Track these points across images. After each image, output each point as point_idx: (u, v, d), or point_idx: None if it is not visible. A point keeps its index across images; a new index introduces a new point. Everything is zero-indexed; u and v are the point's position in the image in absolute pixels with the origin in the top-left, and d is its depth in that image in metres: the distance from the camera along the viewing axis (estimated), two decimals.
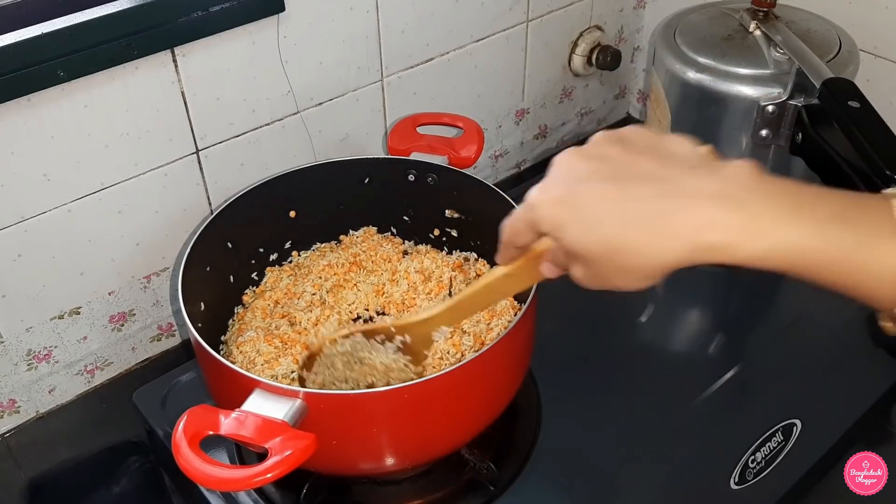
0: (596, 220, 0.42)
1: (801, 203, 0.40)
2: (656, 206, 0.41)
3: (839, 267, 0.40)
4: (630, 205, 0.41)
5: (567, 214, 0.43)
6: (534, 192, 0.45)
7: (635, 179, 0.42)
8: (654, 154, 0.43)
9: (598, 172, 0.43)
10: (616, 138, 0.45)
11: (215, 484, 0.53)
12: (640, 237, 0.41)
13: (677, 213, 0.40)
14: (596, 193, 0.42)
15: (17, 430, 0.85)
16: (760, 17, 0.92)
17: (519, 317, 0.65)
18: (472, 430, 0.69)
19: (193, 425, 0.54)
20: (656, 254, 0.41)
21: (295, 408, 0.57)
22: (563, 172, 0.44)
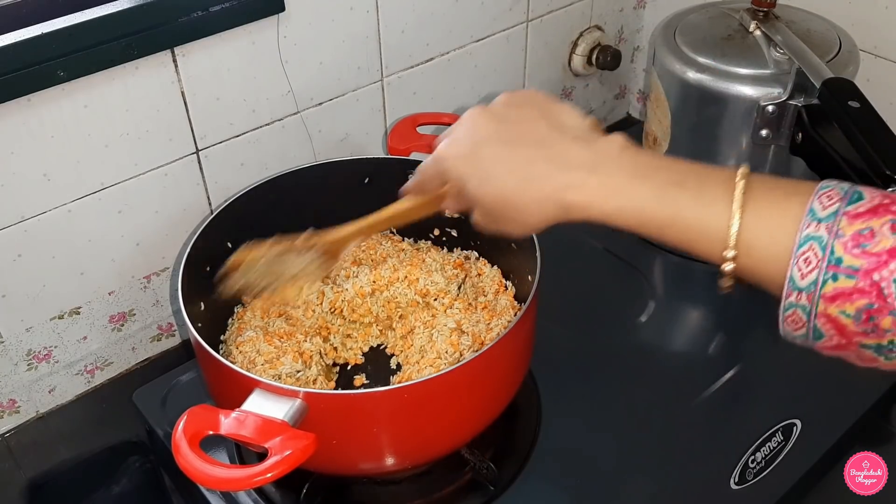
0: (491, 176, 0.51)
1: (648, 171, 0.48)
2: (537, 169, 0.49)
3: (676, 225, 0.47)
4: (518, 167, 0.50)
5: (469, 169, 0.52)
6: (442, 146, 0.54)
7: (527, 144, 0.50)
8: (547, 121, 0.51)
9: (498, 134, 0.52)
10: (518, 101, 0.53)
11: (215, 484, 0.53)
12: (523, 195, 0.50)
13: (551, 176, 0.49)
14: (493, 153, 0.51)
15: (17, 430, 0.85)
16: (760, 17, 0.91)
17: (519, 317, 0.65)
18: (471, 430, 0.69)
19: (193, 425, 0.55)
20: (533, 209, 0.50)
21: (295, 408, 0.57)
22: (469, 130, 0.53)
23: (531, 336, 0.72)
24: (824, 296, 0.41)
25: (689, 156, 0.49)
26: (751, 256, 0.44)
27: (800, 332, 0.44)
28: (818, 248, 0.41)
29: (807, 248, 0.42)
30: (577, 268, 0.96)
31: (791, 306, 0.43)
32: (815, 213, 0.42)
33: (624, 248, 0.99)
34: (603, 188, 0.48)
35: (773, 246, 0.43)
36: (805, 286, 0.42)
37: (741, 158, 0.91)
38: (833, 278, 0.41)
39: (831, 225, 0.41)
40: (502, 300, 0.81)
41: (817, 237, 0.42)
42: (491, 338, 0.76)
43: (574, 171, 0.48)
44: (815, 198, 0.43)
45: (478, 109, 0.54)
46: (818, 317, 0.42)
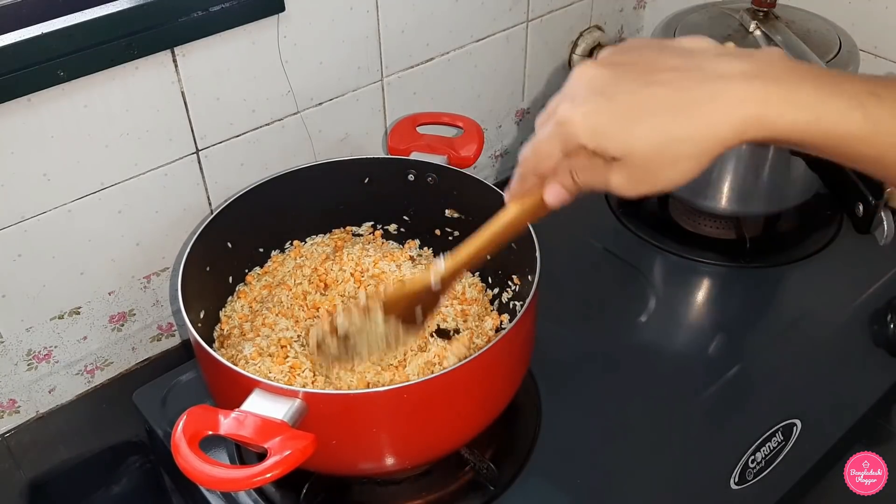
0: (638, 118, 0.42)
1: (835, 79, 0.41)
2: (697, 91, 0.41)
3: (875, 140, 0.41)
4: (670, 95, 0.41)
5: (605, 119, 0.42)
6: (562, 109, 0.44)
7: (666, 73, 0.42)
8: (673, 52, 0.43)
9: (625, 76, 0.43)
10: (628, 47, 0.45)
11: (214, 484, 0.53)
12: (689, 122, 0.41)
13: (720, 93, 0.41)
14: (630, 93, 0.42)
15: (17, 430, 0.85)
16: (760, 17, 0.92)
17: (519, 316, 0.65)
18: (472, 429, 0.69)
19: (193, 425, 0.55)
20: (708, 135, 0.41)
21: (294, 408, 0.57)
22: (585, 83, 0.44)
23: (531, 336, 0.72)
24: None
25: None
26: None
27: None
28: None
29: None
30: (577, 268, 0.96)
31: None
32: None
33: (624, 248, 0.99)
34: (789, 97, 0.40)
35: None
36: None
37: (741, 158, 0.91)
38: None
39: None
40: (487, 322, 0.81)
41: None
42: (484, 340, 0.76)
43: (744, 83, 0.41)
44: None
45: (585, 63, 0.44)
46: None
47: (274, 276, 0.84)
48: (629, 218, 1.03)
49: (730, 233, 1.00)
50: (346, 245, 0.87)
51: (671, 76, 0.42)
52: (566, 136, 0.44)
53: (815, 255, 0.97)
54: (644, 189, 0.44)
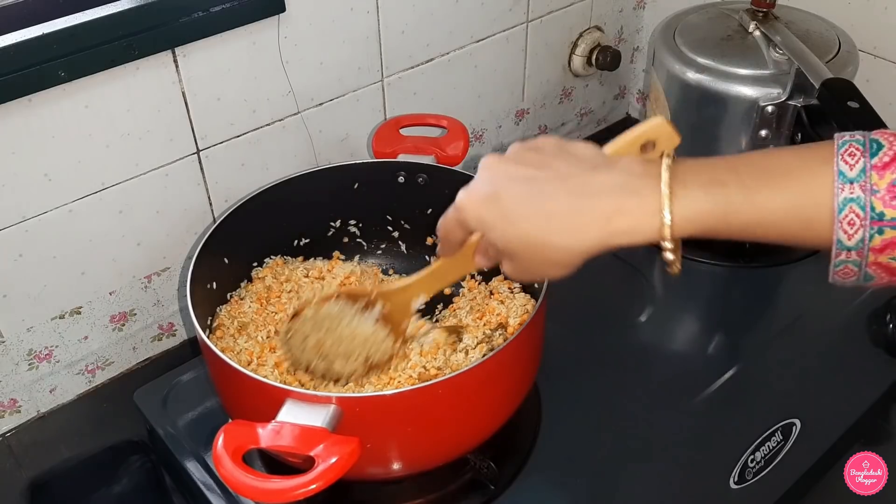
0: (517, 219, 0.48)
1: (683, 177, 0.46)
2: (569, 203, 0.47)
3: (730, 222, 0.46)
4: (547, 203, 0.47)
5: (492, 214, 0.49)
6: (462, 195, 0.51)
7: (550, 180, 0.48)
8: (564, 157, 0.49)
9: (518, 175, 0.49)
10: (532, 146, 0.51)
11: (264, 496, 0.52)
12: (560, 232, 0.47)
13: (588, 207, 0.47)
14: (517, 194, 0.48)
15: (18, 429, 0.85)
16: (760, 18, 0.92)
17: (535, 310, 0.66)
18: (502, 417, 0.70)
19: (233, 441, 0.54)
20: (575, 244, 0.47)
21: (331, 413, 0.56)
22: (487, 176, 0.50)
23: (543, 330, 0.73)
24: (873, 248, 0.43)
25: (689, 156, 0.49)
26: (809, 229, 0.45)
27: (850, 280, 0.46)
28: (857, 208, 0.43)
29: (847, 211, 0.43)
30: None
31: (841, 263, 0.45)
32: (845, 174, 0.43)
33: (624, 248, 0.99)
34: (645, 207, 0.46)
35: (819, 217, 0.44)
36: (853, 245, 0.44)
37: None
38: (879, 232, 0.43)
39: (864, 183, 0.43)
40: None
41: (854, 198, 0.43)
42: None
43: (609, 198, 0.47)
44: (838, 158, 0.44)
45: (492, 156, 0.51)
46: (869, 266, 0.44)
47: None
48: None
49: None
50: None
51: (553, 185, 0.48)
52: (461, 220, 0.51)
53: (815, 255, 0.97)
54: (527, 278, 0.51)
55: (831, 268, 0.45)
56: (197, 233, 0.87)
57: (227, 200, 0.87)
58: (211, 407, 0.81)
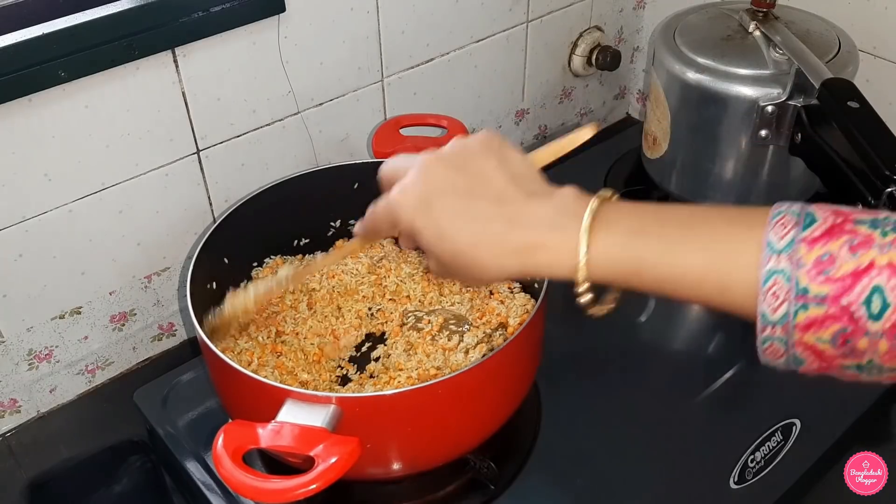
0: (447, 234, 0.49)
1: (609, 221, 0.46)
2: (499, 230, 0.48)
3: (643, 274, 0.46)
4: (476, 225, 0.49)
5: (423, 222, 0.50)
6: (396, 193, 0.52)
7: (483, 198, 0.49)
8: (503, 173, 0.50)
9: (454, 185, 0.50)
10: (474, 147, 0.51)
11: (264, 496, 0.52)
12: (482, 254, 0.48)
13: (515, 238, 0.48)
14: (448, 206, 0.49)
15: (17, 429, 0.85)
16: (760, 18, 0.92)
17: (535, 310, 0.66)
18: (496, 420, 0.70)
19: (233, 441, 0.54)
20: (494, 268, 0.49)
21: (331, 413, 0.56)
22: (423, 178, 0.51)
23: (543, 328, 0.73)
24: (798, 325, 0.41)
25: (689, 156, 0.49)
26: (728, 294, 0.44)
27: (780, 360, 0.44)
28: (783, 280, 0.41)
29: (772, 283, 0.41)
30: None
31: (768, 339, 0.43)
32: (773, 245, 0.42)
33: None
34: (565, 245, 0.47)
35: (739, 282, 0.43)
36: (777, 319, 0.42)
37: (740, 159, 0.91)
38: (803, 308, 0.41)
39: (791, 255, 0.41)
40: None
41: (780, 270, 0.41)
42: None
43: (535, 232, 0.48)
44: (770, 228, 0.42)
45: (432, 157, 0.52)
46: (796, 345, 0.42)
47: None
48: None
49: None
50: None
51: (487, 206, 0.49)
52: (392, 215, 0.52)
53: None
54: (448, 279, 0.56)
55: (758, 345, 0.44)
56: (197, 233, 0.87)
57: (227, 200, 0.88)
58: (211, 407, 0.81)
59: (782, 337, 0.42)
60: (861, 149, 0.72)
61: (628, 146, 1.13)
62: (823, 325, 0.41)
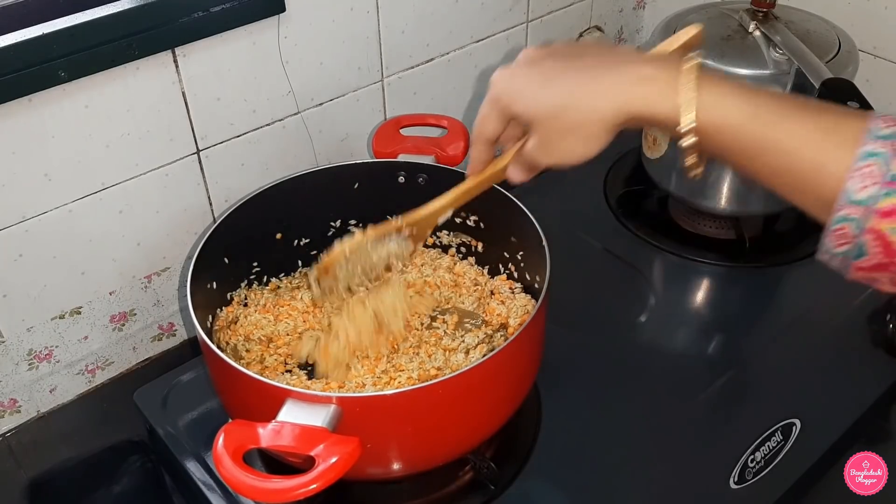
0: (544, 85, 0.50)
1: (711, 76, 0.47)
2: (594, 72, 0.49)
3: (750, 128, 0.45)
4: (574, 73, 0.49)
5: (522, 83, 0.51)
6: (496, 74, 0.53)
7: (588, 56, 0.50)
8: (608, 47, 0.53)
9: (556, 54, 0.52)
10: (568, 41, 0.55)
11: (264, 496, 0.52)
12: (581, 95, 0.49)
13: (611, 73, 0.48)
14: (547, 68, 0.51)
15: (17, 429, 0.85)
16: (760, 18, 0.92)
17: (535, 310, 0.66)
18: (497, 421, 0.70)
19: (234, 441, 0.54)
20: (594, 108, 0.48)
21: (331, 413, 0.56)
22: (523, 58, 0.53)
23: (543, 328, 0.73)
24: (879, 210, 0.42)
25: None
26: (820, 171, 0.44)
27: (842, 249, 0.45)
28: (879, 163, 0.42)
29: (867, 164, 0.42)
30: (576, 268, 0.96)
31: (841, 220, 0.43)
32: (875, 131, 0.43)
33: (624, 248, 0.99)
34: (670, 83, 0.46)
35: (836, 162, 0.43)
36: (862, 199, 0.42)
37: None
38: (889, 194, 0.42)
39: (893, 143, 0.42)
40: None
41: (877, 153, 0.42)
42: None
43: (634, 68, 0.48)
44: (874, 120, 0.43)
45: (535, 46, 0.54)
46: (867, 232, 0.43)
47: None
48: (628, 218, 1.03)
49: (729, 233, 1.00)
50: None
51: (588, 62, 0.49)
52: (494, 98, 0.53)
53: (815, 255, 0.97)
54: (553, 158, 0.52)
55: (827, 228, 0.44)
56: (197, 233, 0.87)
57: (227, 200, 0.88)
58: (211, 407, 0.81)
59: (857, 219, 0.43)
60: None
61: (628, 146, 1.13)
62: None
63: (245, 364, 0.75)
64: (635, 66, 0.48)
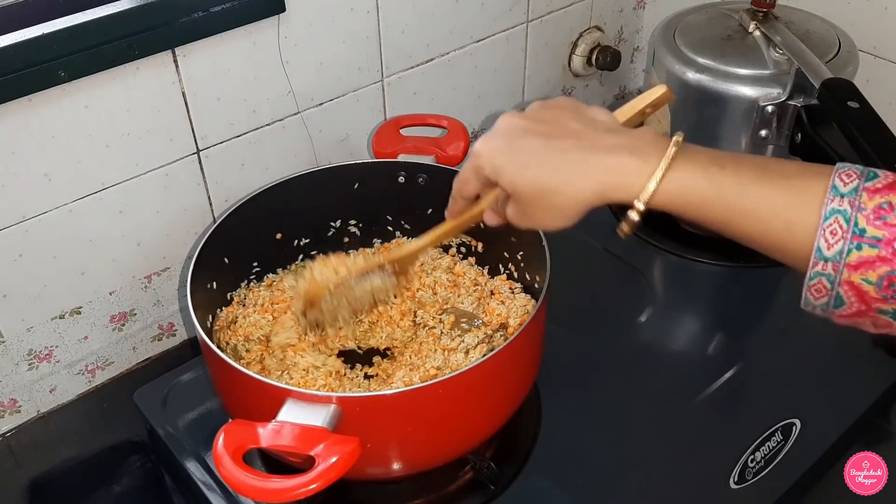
0: (527, 165, 0.51)
1: (687, 153, 0.49)
2: (575, 155, 0.50)
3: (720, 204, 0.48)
4: (555, 154, 0.51)
5: (504, 160, 0.52)
6: (478, 144, 0.54)
7: (562, 136, 0.52)
8: (580, 119, 0.53)
9: (533, 130, 0.53)
10: (550, 105, 0.55)
11: (264, 495, 0.52)
12: (561, 179, 0.50)
13: (590, 160, 0.50)
14: (529, 145, 0.52)
15: (17, 429, 0.85)
16: (760, 18, 0.92)
17: (535, 310, 0.66)
18: (496, 421, 0.70)
19: (234, 440, 0.54)
20: (573, 192, 0.50)
21: (331, 413, 0.56)
22: (503, 128, 0.54)
23: (543, 328, 0.73)
24: (849, 264, 0.45)
25: None
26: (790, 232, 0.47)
27: (821, 301, 0.47)
28: (842, 220, 0.45)
29: (832, 221, 0.45)
30: (576, 268, 0.96)
31: (816, 275, 0.46)
32: (838, 188, 0.45)
33: (624, 248, 0.99)
34: (643, 168, 0.49)
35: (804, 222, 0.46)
36: (831, 256, 0.45)
37: None
38: (857, 248, 0.44)
39: (853, 199, 0.45)
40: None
41: (841, 211, 0.45)
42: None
43: (612, 154, 0.50)
44: (835, 175, 0.46)
45: (510, 113, 0.55)
46: (842, 284, 0.46)
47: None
48: None
49: None
50: None
51: (566, 143, 0.51)
52: (476, 166, 0.55)
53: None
54: (528, 224, 0.54)
55: (806, 282, 0.47)
56: (197, 233, 0.87)
57: (227, 200, 0.88)
58: (211, 407, 0.81)
59: (831, 274, 0.46)
60: (861, 149, 0.72)
61: None
62: (872, 266, 0.44)
63: (245, 364, 0.75)
64: (612, 154, 0.50)
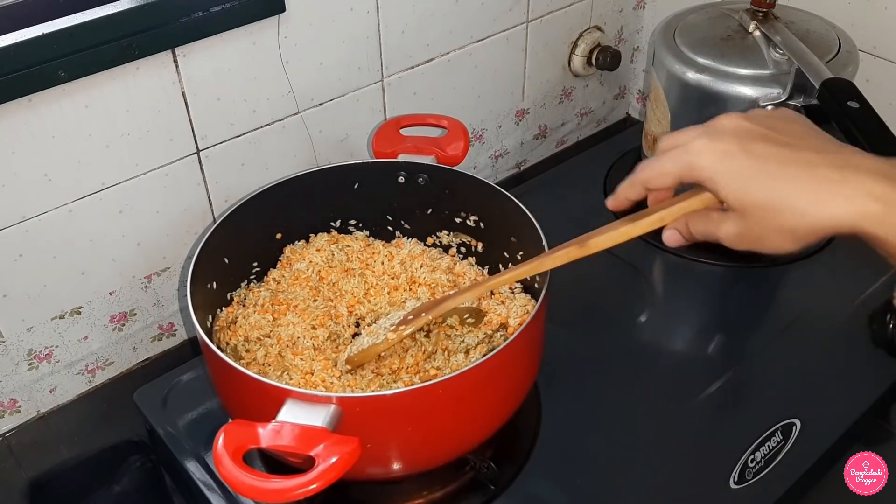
0: (764, 176, 0.44)
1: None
2: (828, 173, 0.43)
3: None
4: (802, 168, 0.44)
5: (734, 166, 0.45)
6: (697, 140, 0.46)
7: (807, 149, 0.45)
8: (817, 133, 0.46)
9: (769, 137, 0.46)
10: (776, 115, 0.48)
11: (264, 496, 0.52)
12: (808, 197, 0.43)
13: (848, 181, 0.43)
14: (767, 151, 0.45)
15: (18, 429, 0.85)
16: (760, 18, 0.92)
17: (535, 310, 0.66)
18: (496, 421, 0.70)
19: (233, 440, 0.54)
20: (819, 215, 0.43)
21: (331, 413, 0.56)
22: (731, 129, 0.46)
23: (543, 328, 0.73)
24: None
25: None
26: None
27: None
28: None
29: None
30: (576, 267, 0.96)
31: None
32: None
33: (624, 248, 0.98)
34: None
35: None
36: None
37: None
38: None
39: None
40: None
41: None
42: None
43: (871, 179, 0.43)
44: None
45: (735, 114, 0.48)
46: None
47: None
48: None
49: None
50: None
51: (810, 155, 0.44)
52: (690, 165, 0.47)
53: (815, 255, 0.97)
54: (748, 246, 0.47)
55: None
56: (197, 233, 0.87)
57: (227, 200, 0.88)
58: (211, 407, 0.81)
59: None
60: (861, 149, 0.72)
61: (628, 146, 1.13)
62: None
63: (245, 364, 0.75)
64: (866, 177, 0.43)
